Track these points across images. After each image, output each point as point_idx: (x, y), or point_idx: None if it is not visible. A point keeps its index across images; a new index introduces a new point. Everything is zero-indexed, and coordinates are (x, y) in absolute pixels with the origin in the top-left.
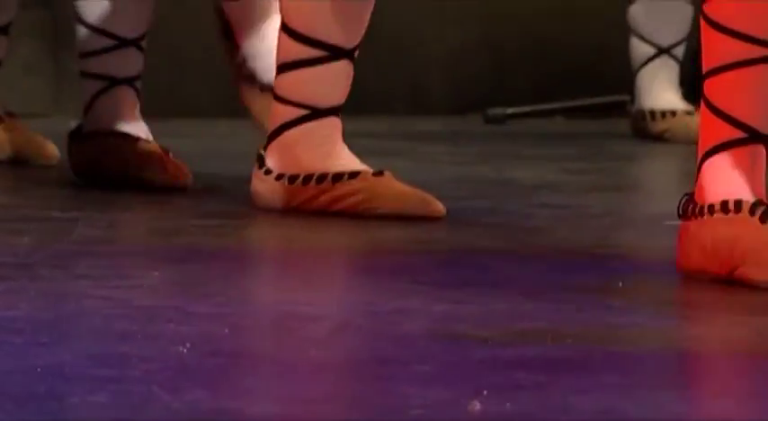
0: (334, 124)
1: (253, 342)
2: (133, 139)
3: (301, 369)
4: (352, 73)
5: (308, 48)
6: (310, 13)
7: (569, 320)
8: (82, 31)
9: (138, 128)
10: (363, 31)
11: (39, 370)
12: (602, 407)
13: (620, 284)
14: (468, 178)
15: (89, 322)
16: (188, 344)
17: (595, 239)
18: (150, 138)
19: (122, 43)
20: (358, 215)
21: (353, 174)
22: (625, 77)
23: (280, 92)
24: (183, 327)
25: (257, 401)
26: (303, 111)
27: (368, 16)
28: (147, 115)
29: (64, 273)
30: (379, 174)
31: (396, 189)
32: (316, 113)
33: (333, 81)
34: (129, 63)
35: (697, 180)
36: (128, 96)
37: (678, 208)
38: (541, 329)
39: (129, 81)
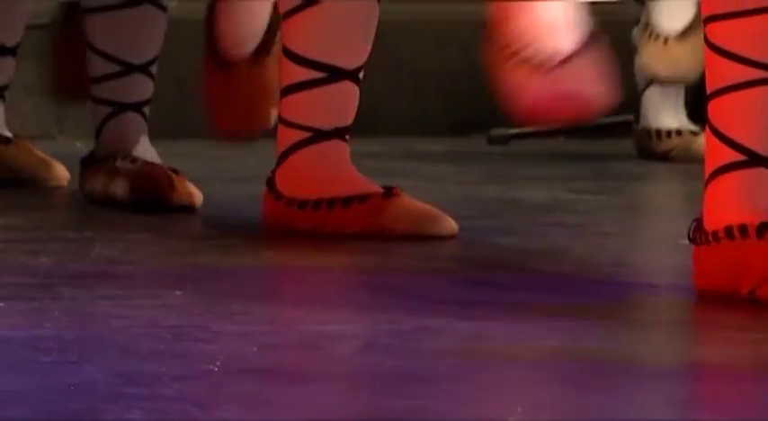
0: (340, 146)
1: (282, 360)
2: (140, 164)
3: (332, 387)
4: (357, 94)
5: (308, 70)
6: (309, 34)
7: (594, 339)
8: (91, 56)
9: (145, 152)
10: (366, 53)
11: (72, 388)
12: None
13: (641, 303)
14: (476, 198)
15: (116, 341)
16: (218, 363)
17: (611, 258)
18: (158, 161)
19: (129, 69)
20: (371, 234)
21: (363, 198)
22: (628, 97)
23: (284, 115)
24: (210, 346)
25: (290, 418)
26: (307, 134)
27: (370, 37)
28: (155, 136)
29: (86, 292)
30: (388, 194)
31: (407, 209)
32: (320, 135)
33: (336, 103)
34: (137, 89)
35: (704, 203)
36: (135, 122)
37: (688, 233)
38: (568, 347)
39: (136, 107)
